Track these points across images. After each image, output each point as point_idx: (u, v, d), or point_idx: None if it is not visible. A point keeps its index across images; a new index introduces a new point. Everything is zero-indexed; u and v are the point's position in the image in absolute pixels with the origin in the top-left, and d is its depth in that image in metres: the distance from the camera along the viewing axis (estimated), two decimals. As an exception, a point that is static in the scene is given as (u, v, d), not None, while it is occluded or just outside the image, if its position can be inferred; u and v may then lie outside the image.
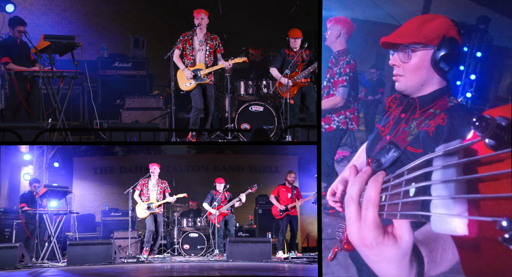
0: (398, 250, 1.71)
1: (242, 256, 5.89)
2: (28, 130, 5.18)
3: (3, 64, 5.95)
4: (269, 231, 6.84)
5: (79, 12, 8.09)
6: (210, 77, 5.97)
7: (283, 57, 6.20)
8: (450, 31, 2.14)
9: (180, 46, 5.93)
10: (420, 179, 1.45)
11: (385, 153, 2.18)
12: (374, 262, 1.79)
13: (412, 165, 1.52)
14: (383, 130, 2.33)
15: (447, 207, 1.34)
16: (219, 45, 6.01)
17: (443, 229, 1.32)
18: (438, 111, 2.15)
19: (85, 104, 6.93)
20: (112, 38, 8.02)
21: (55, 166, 7.31)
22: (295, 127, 5.83)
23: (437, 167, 1.39)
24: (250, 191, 6.49)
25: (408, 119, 2.23)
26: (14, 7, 7.11)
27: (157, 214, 6.39)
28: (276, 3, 8.19)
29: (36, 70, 5.59)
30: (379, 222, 1.69)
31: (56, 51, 5.74)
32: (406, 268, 1.82)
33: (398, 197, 1.57)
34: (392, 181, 1.66)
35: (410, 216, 1.48)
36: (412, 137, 2.15)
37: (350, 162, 2.80)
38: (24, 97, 5.79)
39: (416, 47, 2.15)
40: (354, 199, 1.80)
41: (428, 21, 2.18)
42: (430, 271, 1.89)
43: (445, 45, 2.10)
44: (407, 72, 2.21)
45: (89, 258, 5.58)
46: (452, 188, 1.34)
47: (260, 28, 7.73)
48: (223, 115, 6.80)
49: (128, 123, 6.38)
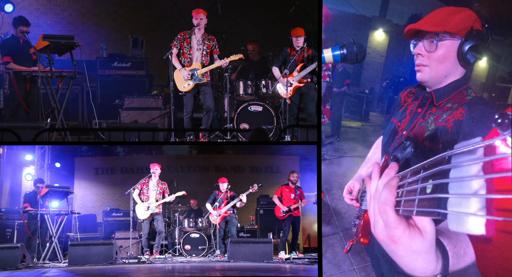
0: (424, 242, 1.69)
1: (244, 256, 5.88)
2: (27, 130, 5.16)
3: (3, 63, 5.94)
4: (270, 231, 6.83)
5: (78, 12, 8.09)
6: (206, 76, 5.96)
7: (284, 56, 6.20)
8: (476, 23, 2.12)
9: (177, 44, 5.92)
10: (438, 176, 1.43)
11: (402, 149, 2.14)
12: (401, 257, 1.77)
13: (430, 161, 1.49)
14: (399, 126, 2.30)
15: (465, 205, 1.31)
16: (215, 46, 6.01)
17: (460, 228, 1.30)
18: (456, 105, 2.11)
19: (84, 104, 6.93)
20: (111, 38, 8.02)
21: (57, 166, 7.31)
22: (294, 127, 5.82)
23: (455, 164, 1.36)
24: (251, 190, 6.45)
25: (425, 114, 2.20)
26: (13, 7, 7.11)
27: (156, 214, 6.38)
28: (275, 3, 8.18)
29: (35, 70, 5.57)
30: (400, 217, 1.67)
31: (55, 51, 5.71)
32: (433, 261, 1.80)
33: (415, 193, 1.55)
34: (409, 177, 1.64)
35: (426, 213, 1.46)
36: (429, 132, 2.12)
37: (365, 158, 2.78)
38: (24, 97, 5.78)
39: (444, 36, 2.12)
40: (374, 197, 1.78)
41: (456, 12, 2.17)
42: (455, 265, 1.87)
43: (473, 37, 2.09)
44: (432, 62, 2.17)
45: (90, 258, 5.57)
46: (470, 186, 1.32)
47: (259, 28, 7.72)
48: (222, 115, 6.79)
49: (127, 123, 6.36)
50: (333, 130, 4.46)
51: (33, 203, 5.88)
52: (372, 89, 4.10)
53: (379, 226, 1.76)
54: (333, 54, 2.60)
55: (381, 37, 3.70)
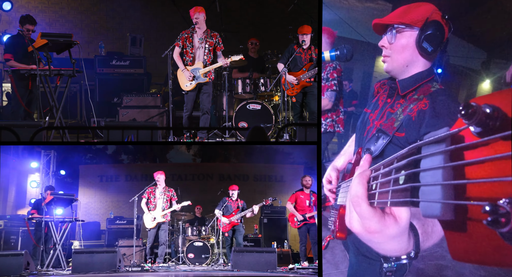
0: (399, 228, 1.77)
1: (247, 266, 5.83)
2: (25, 128, 5.12)
3: (5, 60, 5.92)
4: (274, 240, 6.79)
5: (76, 10, 8.14)
6: (209, 75, 5.95)
7: (291, 53, 6.14)
8: (434, 15, 2.22)
9: (180, 43, 5.91)
10: (410, 167, 1.51)
11: (374, 141, 2.26)
12: (377, 243, 1.87)
13: (402, 152, 1.57)
14: (371, 116, 2.41)
15: (435, 193, 1.39)
16: (219, 42, 5.95)
17: (431, 215, 1.37)
18: (421, 96, 2.20)
19: (82, 103, 6.95)
20: (109, 36, 8.07)
21: (62, 174, 7.33)
22: (293, 126, 5.81)
23: (425, 154, 1.45)
24: (264, 203, 6.34)
25: (393, 104, 2.30)
26: (11, 5, 7.15)
27: (163, 223, 6.37)
28: (274, 1, 8.20)
29: (34, 68, 5.55)
30: (374, 208, 1.74)
31: (54, 49, 5.70)
32: (405, 241, 1.90)
33: (388, 185, 1.62)
34: (382, 169, 1.70)
35: (400, 203, 1.53)
36: (398, 123, 2.20)
37: (342, 150, 2.87)
38: (24, 96, 5.78)
39: (402, 27, 2.25)
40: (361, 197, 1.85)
41: (416, 6, 2.30)
42: (424, 243, 1.97)
43: (428, 26, 2.20)
44: (393, 53, 2.30)
45: (93, 266, 5.54)
46: (439, 174, 1.40)
47: (258, 26, 7.75)
48: (220, 113, 6.79)
49: (126, 122, 6.35)
50: (339, 146, 4.52)
51: (41, 210, 5.89)
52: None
53: (354, 218, 1.82)
54: (330, 55, 3.23)
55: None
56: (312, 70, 6.05)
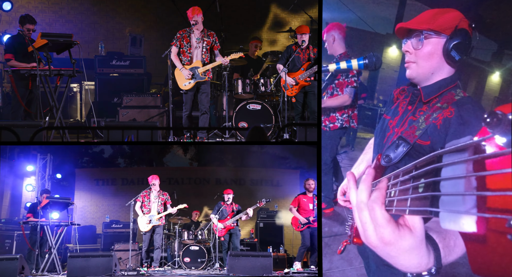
0: (414, 239, 1.72)
1: (243, 270, 5.81)
2: (25, 128, 5.12)
3: (5, 60, 5.92)
4: (270, 245, 6.77)
5: (77, 10, 8.13)
6: (207, 74, 5.96)
7: (289, 53, 6.19)
8: (462, 23, 2.20)
9: (177, 43, 5.92)
10: (430, 175, 1.45)
11: (394, 148, 2.21)
12: (394, 258, 1.79)
13: (422, 160, 1.52)
14: (391, 123, 2.37)
15: (456, 204, 1.34)
16: (215, 41, 5.97)
17: (452, 226, 1.32)
18: (445, 105, 2.18)
19: (82, 103, 6.93)
20: (109, 36, 8.06)
21: (58, 177, 7.29)
22: (293, 126, 5.82)
23: (446, 163, 1.39)
24: (258, 205, 6.34)
25: (415, 112, 2.28)
26: (11, 5, 7.15)
27: (158, 226, 6.35)
28: (273, 1, 8.22)
29: (34, 68, 5.55)
30: (389, 216, 1.70)
31: (54, 49, 5.71)
32: (425, 255, 1.83)
33: (407, 192, 1.58)
34: (401, 177, 1.67)
35: (419, 211, 1.48)
36: (420, 132, 2.18)
37: (358, 159, 2.83)
38: (24, 96, 5.78)
39: (430, 34, 2.22)
40: (365, 203, 1.81)
41: (443, 12, 2.27)
42: (446, 257, 1.90)
43: (457, 35, 2.18)
44: (419, 59, 2.26)
45: (89, 270, 5.50)
46: (461, 184, 1.34)
47: (258, 26, 7.76)
48: (220, 113, 6.79)
49: (126, 122, 6.35)
50: (348, 140, 4.52)
51: (36, 213, 5.85)
52: (385, 103, 4.21)
53: (369, 231, 1.78)
54: (358, 63, 3.18)
55: (394, 54, 3.83)
56: (310, 69, 6.10)
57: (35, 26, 5.90)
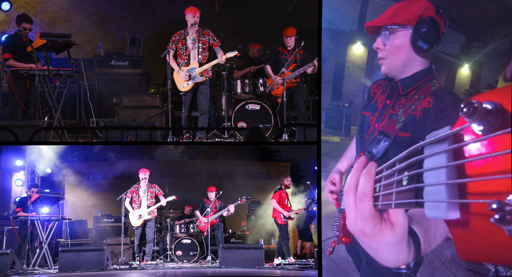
0: (395, 236, 1.75)
1: (235, 262, 5.82)
2: (24, 128, 5.12)
3: (4, 59, 5.87)
4: (261, 237, 6.76)
5: (75, 10, 8.05)
6: (204, 74, 5.94)
7: (276, 55, 6.32)
8: (427, 11, 2.18)
9: (173, 46, 5.90)
10: (412, 167, 1.46)
11: (376, 144, 2.22)
12: (374, 250, 1.83)
13: (404, 154, 1.52)
14: (371, 119, 2.35)
15: (440, 193, 1.35)
16: (213, 38, 5.96)
17: (437, 215, 1.34)
18: (423, 96, 2.18)
19: (81, 103, 6.84)
20: (108, 37, 7.94)
21: (47, 172, 7.15)
22: (292, 126, 5.81)
23: (428, 154, 1.40)
24: (239, 202, 6.48)
25: (394, 105, 2.27)
26: (10, 5, 7.05)
27: (149, 220, 6.28)
28: (273, 1, 8.15)
29: (33, 68, 5.53)
30: (375, 212, 1.71)
31: (52, 50, 5.72)
32: (404, 252, 1.89)
33: (392, 187, 1.58)
34: (385, 171, 1.67)
35: (404, 204, 1.50)
36: (400, 124, 2.20)
37: (344, 154, 2.83)
38: (22, 96, 5.73)
39: (394, 28, 2.22)
40: (352, 188, 1.81)
41: (407, 4, 2.25)
42: (426, 249, 1.94)
43: (422, 24, 2.15)
44: (389, 54, 2.27)
45: (81, 264, 5.47)
46: (443, 173, 1.36)
47: (257, 26, 7.69)
48: (219, 113, 6.73)
49: (125, 122, 6.28)
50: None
51: (26, 208, 5.74)
52: (351, 103, 4.10)
53: (351, 217, 1.79)
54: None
55: (359, 51, 3.74)
56: (297, 71, 6.21)
57: (32, 25, 5.88)
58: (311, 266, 5.92)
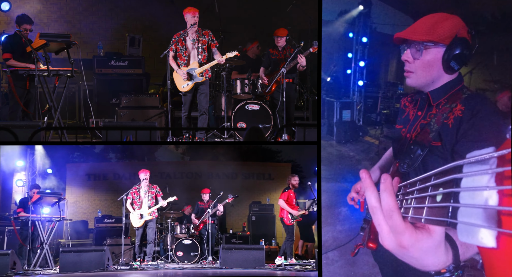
0: (433, 241, 1.71)
1: (236, 263, 5.84)
2: (24, 129, 5.14)
3: (4, 60, 5.90)
4: (262, 238, 6.78)
5: (75, 10, 8.07)
6: (204, 74, 5.96)
7: (268, 57, 6.39)
8: (462, 31, 2.17)
9: (173, 47, 5.91)
10: (449, 185, 1.40)
11: (410, 153, 2.18)
12: (413, 259, 1.78)
13: (441, 169, 1.46)
14: (403, 131, 2.34)
15: (476, 217, 1.27)
16: (212, 39, 5.98)
17: (470, 240, 1.27)
18: (454, 104, 2.17)
19: (81, 103, 6.87)
20: (108, 37, 7.97)
21: (48, 172, 7.19)
22: (292, 126, 5.83)
23: (467, 174, 1.32)
24: (227, 201, 6.50)
25: (425, 116, 2.26)
26: (9, 5, 7.08)
27: (150, 221, 6.31)
28: (272, 1, 8.17)
29: (32, 69, 5.55)
30: (407, 223, 1.67)
31: (52, 50, 5.74)
32: (443, 254, 1.84)
33: (424, 201, 1.55)
34: (418, 185, 1.65)
35: (436, 221, 1.44)
36: (433, 134, 2.18)
37: (376, 164, 2.81)
38: (22, 96, 5.75)
39: (429, 45, 2.19)
40: (376, 205, 1.78)
41: (442, 20, 2.22)
42: (464, 254, 1.91)
43: (457, 45, 2.14)
44: (418, 69, 2.24)
45: (82, 265, 5.49)
46: (482, 197, 1.27)
47: (257, 27, 7.71)
48: (219, 114, 6.75)
49: (124, 122, 6.30)
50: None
51: (27, 209, 5.77)
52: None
53: (384, 233, 1.75)
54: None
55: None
56: (287, 65, 6.10)
57: (32, 26, 5.86)
58: (311, 267, 5.94)
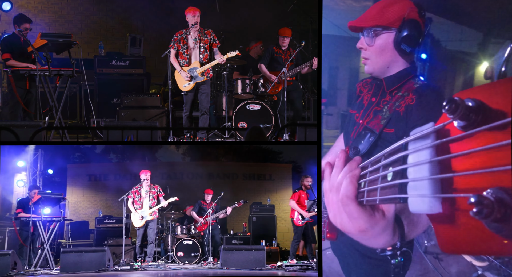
0: (387, 222, 1.80)
1: (236, 263, 5.87)
2: (25, 128, 5.16)
3: (4, 60, 5.94)
4: (263, 238, 6.81)
5: (76, 10, 8.10)
6: (206, 74, 5.99)
7: (271, 54, 6.43)
8: (411, 13, 2.21)
9: (174, 46, 5.95)
10: (397, 163, 1.50)
11: (361, 139, 2.26)
12: (367, 239, 1.89)
13: (388, 149, 1.56)
14: (357, 116, 2.41)
15: (423, 188, 1.39)
16: (214, 38, 6.01)
17: (420, 209, 1.38)
18: (406, 93, 2.24)
19: (82, 103, 6.91)
20: (109, 37, 8.01)
21: (49, 173, 7.25)
22: (292, 126, 5.87)
23: (412, 150, 1.43)
24: (236, 205, 6.56)
25: (379, 102, 2.32)
26: (10, 5, 7.13)
27: (151, 221, 6.35)
28: (273, 1, 8.20)
29: (33, 69, 5.58)
30: (363, 208, 1.75)
31: (53, 50, 5.76)
32: (391, 234, 1.97)
33: (377, 182, 1.63)
34: (370, 167, 1.72)
35: (388, 200, 1.54)
36: (385, 121, 2.24)
37: (329, 150, 2.86)
38: (22, 96, 5.79)
39: (378, 30, 2.26)
40: (335, 187, 1.85)
41: (390, 4, 2.28)
42: (410, 233, 1.99)
43: (406, 27, 2.19)
44: (372, 55, 2.32)
45: (82, 265, 5.53)
46: (426, 169, 1.39)
47: (257, 26, 7.74)
48: (220, 113, 6.79)
49: (125, 122, 6.34)
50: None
51: (26, 209, 5.82)
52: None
53: (344, 218, 1.83)
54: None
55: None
56: (293, 69, 6.32)
57: (33, 25, 5.93)
58: (312, 268, 5.97)
